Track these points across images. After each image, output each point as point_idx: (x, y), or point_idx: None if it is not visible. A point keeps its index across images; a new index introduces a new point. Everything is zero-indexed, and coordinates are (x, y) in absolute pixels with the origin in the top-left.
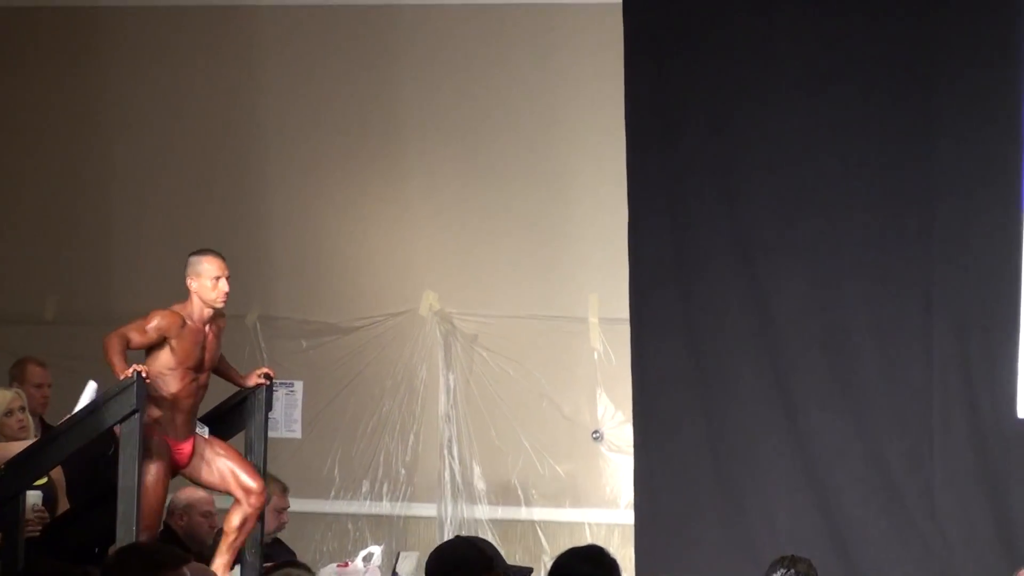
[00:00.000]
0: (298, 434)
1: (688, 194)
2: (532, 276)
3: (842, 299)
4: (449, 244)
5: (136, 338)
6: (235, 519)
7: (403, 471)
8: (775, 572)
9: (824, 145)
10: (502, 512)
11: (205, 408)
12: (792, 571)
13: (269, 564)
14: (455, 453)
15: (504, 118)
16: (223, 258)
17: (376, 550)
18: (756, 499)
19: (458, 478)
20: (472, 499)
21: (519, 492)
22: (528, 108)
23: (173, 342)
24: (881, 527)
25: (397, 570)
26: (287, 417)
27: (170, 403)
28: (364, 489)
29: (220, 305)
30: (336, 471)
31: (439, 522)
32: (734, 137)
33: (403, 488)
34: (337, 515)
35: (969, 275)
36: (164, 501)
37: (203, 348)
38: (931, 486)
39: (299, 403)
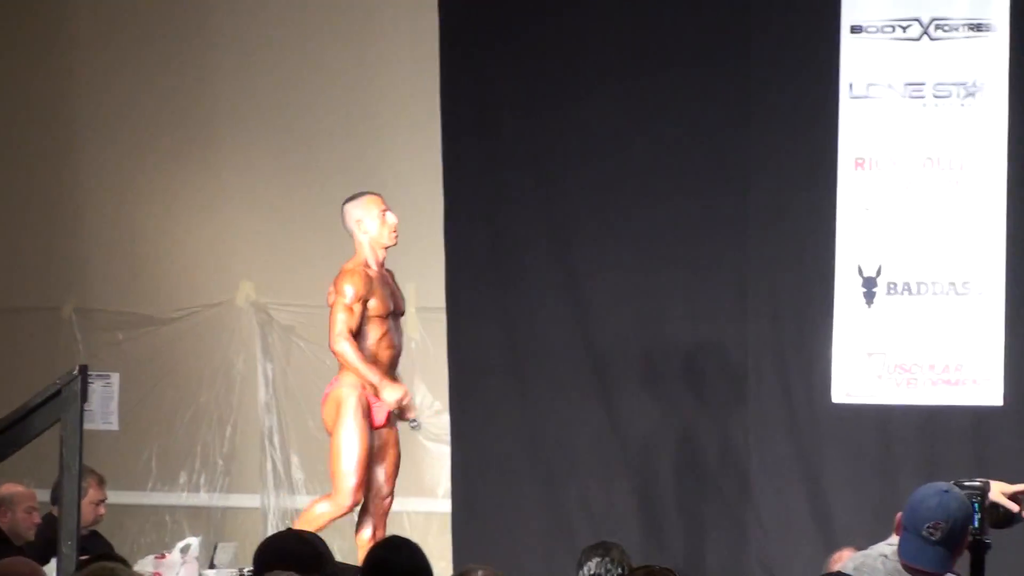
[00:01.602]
0: (115, 426)
1: (504, 183)
2: None
3: (657, 285)
4: (266, 234)
5: (354, 325)
6: (366, 533)
7: (221, 462)
8: (589, 560)
9: (639, 133)
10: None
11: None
12: (607, 559)
13: (85, 557)
14: (276, 443)
15: (321, 109)
16: (380, 195)
17: (194, 541)
18: (572, 486)
19: (279, 468)
20: (292, 489)
21: None
22: (345, 98)
23: (371, 300)
24: (697, 512)
25: (215, 562)
26: (103, 409)
27: (371, 356)
28: (182, 481)
29: (393, 241)
30: (153, 463)
31: (262, 513)
32: (549, 126)
33: (221, 479)
34: (155, 507)
35: (783, 260)
36: (367, 462)
37: (392, 294)
38: (747, 471)
39: (115, 395)
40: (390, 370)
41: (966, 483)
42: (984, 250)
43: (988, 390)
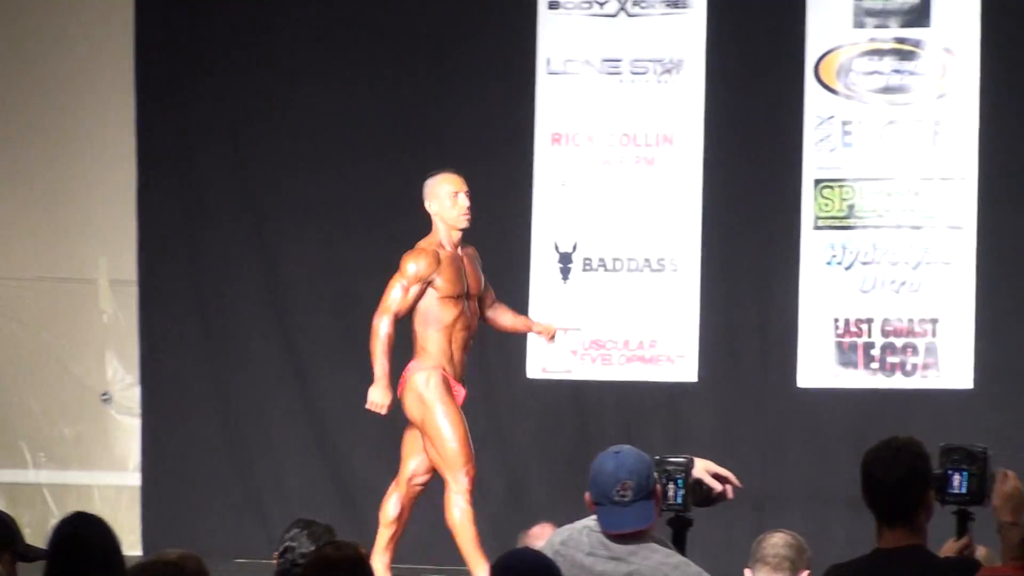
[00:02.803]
0: None
1: (198, 156)
2: (40, 238)
3: (353, 262)
4: None
5: (403, 307)
6: (392, 509)
7: None
8: (288, 533)
9: (336, 105)
10: (9, 476)
11: None
12: (305, 531)
13: None
14: None
15: (10, 71)
16: (460, 175)
17: None
18: (266, 461)
19: None
20: None
21: (26, 455)
22: (33, 61)
23: (437, 279)
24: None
25: None
26: None
27: (447, 335)
28: None
29: (464, 224)
30: None
31: None
32: (244, 98)
33: None
34: None
35: (480, 237)
36: (467, 435)
37: (464, 274)
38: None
39: None
40: (463, 352)
41: (670, 459)
42: (680, 227)
43: (683, 367)
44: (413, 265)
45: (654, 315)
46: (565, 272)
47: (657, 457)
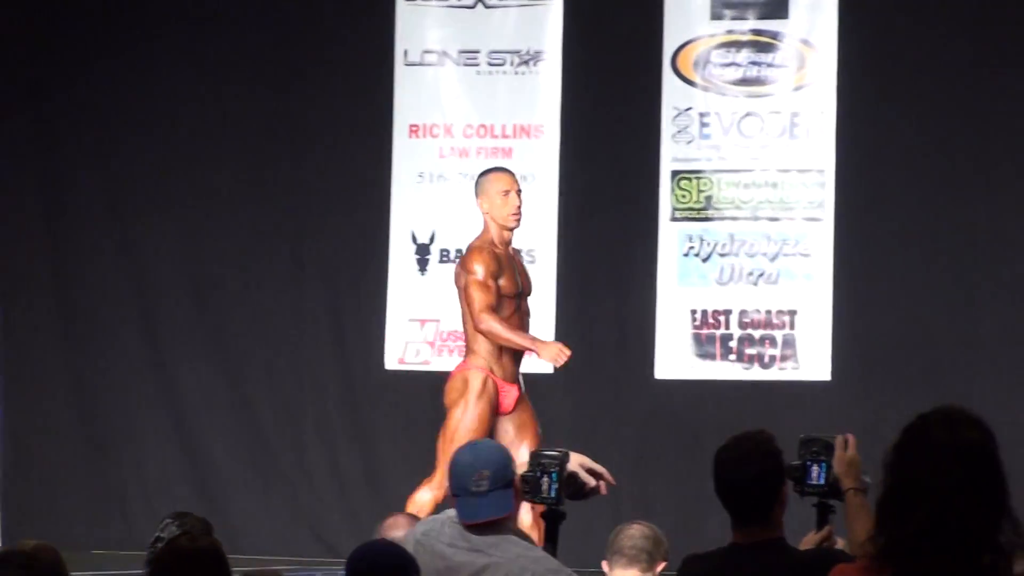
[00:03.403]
0: None
1: (57, 144)
2: None
3: (214, 252)
4: None
5: (492, 300)
6: (419, 499)
7: None
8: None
9: (199, 98)
10: None
11: None
12: (176, 523)
13: None
14: None
15: None
16: (513, 173)
17: None
18: (126, 450)
19: None
20: None
21: None
22: None
23: (500, 278)
24: (252, 477)
25: None
26: None
27: None
28: None
29: (514, 224)
30: None
31: None
32: (104, 88)
33: None
34: None
35: (338, 227)
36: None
37: (517, 272)
38: (302, 436)
39: None
40: (512, 353)
41: (545, 452)
42: (537, 219)
43: (539, 358)
44: (480, 264)
45: None
46: (423, 263)
47: (532, 450)
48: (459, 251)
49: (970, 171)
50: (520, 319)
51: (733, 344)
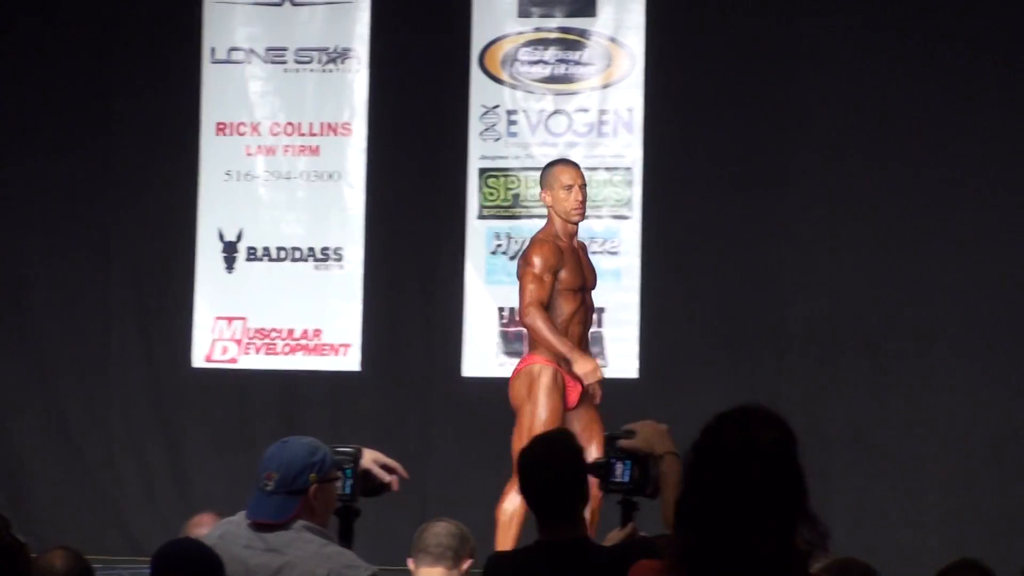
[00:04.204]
0: None
1: None
2: None
3: (21, 249)
4: None
5: (544, 295)
6: (509, 506)
7: None
8: None
9: (4, 96)
10: None
11: None
12: None
13: None
14: None
15: None
16: (577, 167)
17: None
18: None
19: None
20: None
21: None
22: None
23: (561, 271)
24: (59, 475)
25: None
26: None
27: (563, 330)
28: None
29: (577, 217)
30: None
31: None
32: None
33: None
34: None
35: (146, 226)
36: None
37: (581, 265)
38: (110, 434)
39: None
40: (580, 345)
41: (339, 448)
42: (345, 217)
43: (346, 356)
44: (539, 257)
45: (318, 305)
46: (230, 261)
47: (330, 446)
48: (267, 249)
49: (775, 168)
50: (585, 313)
51: None
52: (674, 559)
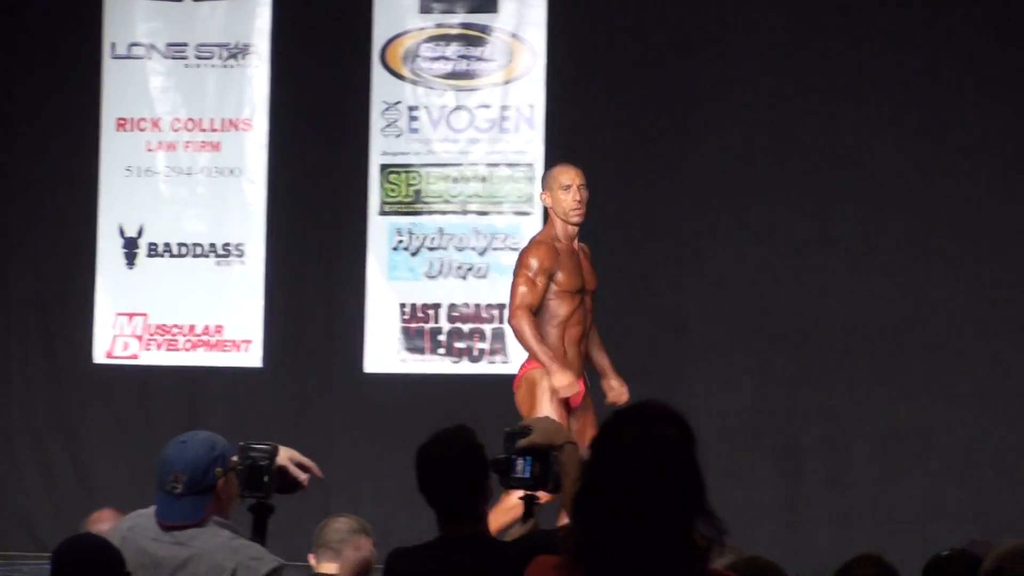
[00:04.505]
0: None
1: None
2: None
3: None
4: None
5: (534, 299)
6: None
7: None
8: None
9: None
10: None
11: None
12: None
13: None
14: None
15: None
16: (577, 167)
17: None
18: None
19: None
20: None
21: None
22: None
23: (558, 273)
24: None
25: None
26: None
27: (560, 331)
28: None
29: (576, 218)
30: None
31: None
32: None
33: None
34: None
35: (46, 221)
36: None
37: (581, 268)
38: (10, 430)
39: None
40: (577, 348)
41: (254, 445)
42: (246, 213)
43: (248, 352)
44: (534, 259)
45: (220, 301)
46: (130, 257)
47: (242, 443)
48: (168, 245)
49: (676, 162)
50: (583, 315)
51: (442, 338)
52: (572, 554)
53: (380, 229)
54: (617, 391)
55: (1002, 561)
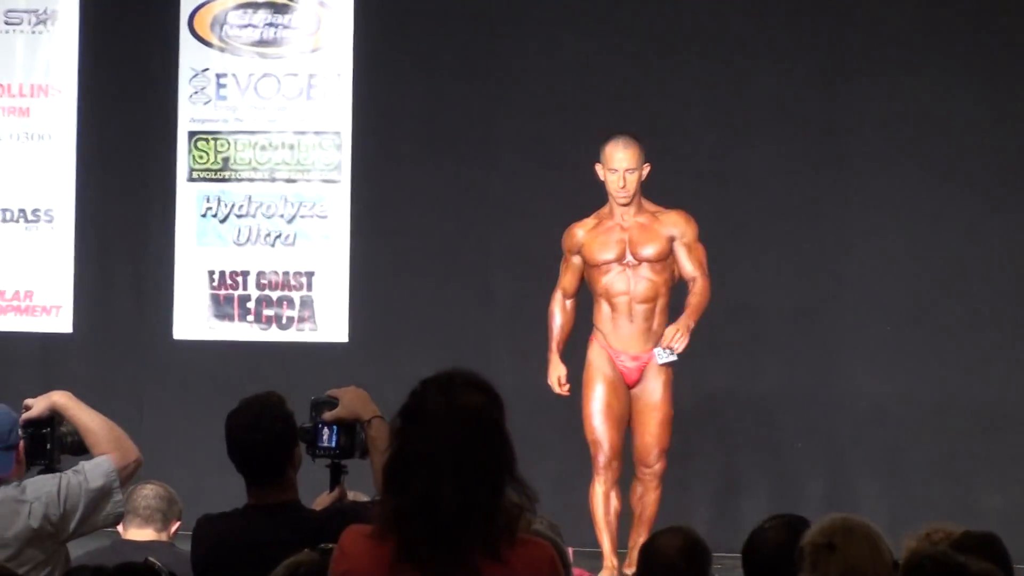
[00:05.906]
0: None
1: None
2: None
3: None
4: None
5: (565, 281)
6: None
7: None
8: None
9: None
10: None
11: None
12: None
13: None
14: None
15: None
16: (630, 146)
17: None
18: None
19: None
20: None
21: None
22: None
23: (583, 249)
24: None
25: None
26: None
27: (605, 303)
28: None
29: (622, 200)
30: None
31: None
32: None
33: None
34: None
35: None
36: (615, 420)
37: (626, 241)
38: None
39: None
40: (630, 320)
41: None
42: (55, 179)
43: (58, 317)
44: (564, 241)
45: (30, 266)
46: None
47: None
48: None
49: (484, 132)
50: (625, 284)
51: (251, 305)
52: (383, 522)
53: (189, 196)
54: (667, 337)
55: (831, 537)
